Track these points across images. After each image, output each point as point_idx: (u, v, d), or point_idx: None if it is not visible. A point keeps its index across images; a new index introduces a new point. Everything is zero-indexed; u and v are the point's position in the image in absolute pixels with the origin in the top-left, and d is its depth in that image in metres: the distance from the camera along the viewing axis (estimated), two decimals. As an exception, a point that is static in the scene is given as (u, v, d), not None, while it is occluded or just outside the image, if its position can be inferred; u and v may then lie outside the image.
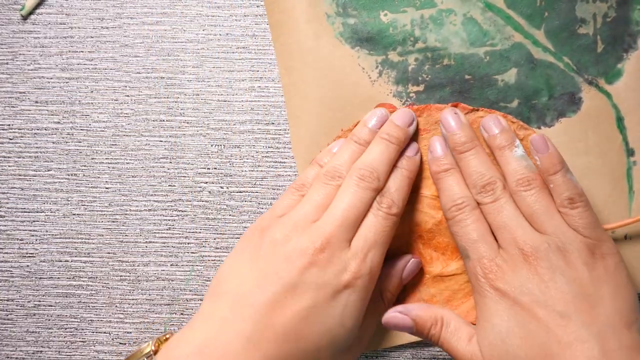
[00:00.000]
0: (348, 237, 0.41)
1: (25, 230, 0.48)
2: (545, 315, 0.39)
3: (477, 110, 0.46)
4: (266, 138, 0.47)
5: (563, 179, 0.42)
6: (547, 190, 0.42)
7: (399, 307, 0.42)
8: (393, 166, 0.43)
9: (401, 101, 0.47)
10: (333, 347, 0.40)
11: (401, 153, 0.44)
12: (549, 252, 0.40)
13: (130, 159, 0.48)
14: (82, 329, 0.47)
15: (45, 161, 0.48)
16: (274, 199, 0.47)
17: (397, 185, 0.43)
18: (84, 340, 0.47)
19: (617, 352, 0.38)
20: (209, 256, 0.47)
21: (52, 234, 0.48)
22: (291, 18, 0.47)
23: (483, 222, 0.42)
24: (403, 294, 0.46)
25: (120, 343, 0.47)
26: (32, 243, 0.48)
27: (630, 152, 0.46)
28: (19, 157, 0.48)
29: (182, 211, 0.47)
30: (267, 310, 0.38)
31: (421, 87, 0.47)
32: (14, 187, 0.48)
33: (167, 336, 0.42)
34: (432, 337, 0.42)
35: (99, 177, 0.48)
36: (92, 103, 0.48)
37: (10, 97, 0.48)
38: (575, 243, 0.40)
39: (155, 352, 0.41)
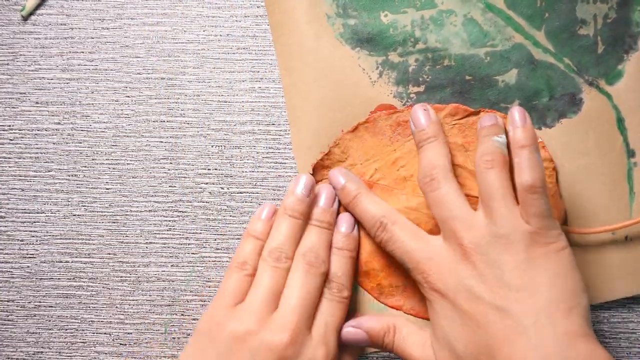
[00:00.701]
0: (309, 325, 0.42)
1: (26, 231, 0.48)
2: (483, 312, 0.39)
3: (478, 112, 0.46)
4: (267, 139, 0.47)
5: (529, 156, 0.41)
6: (507, 173, 0.41)
7: (351, 322, 0.44)
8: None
9: (402, 102, 0.47)
10: None
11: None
12: (489, 246, 0.40)
13: (130, 160, 0.48)
14: (83, 330, 0.48)
15: (46, 162, 0.48)
16: (274, 199, 0.47)
17: (342, 269, 0.44)
18: (84, 341, 0.48)
19: (553, 340, 0.38)
20: (209, 257, 0.47)
21: (53, 235, 0.48)
22: (292, 19, 0.47)
23: (410, 229, 0.43)
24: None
25: (120, 344, 0.47)
26: (33, 244, 0.48)
27: (630, 153, 0.46)
28: (19, 158, 0.48)
29: (182, 212, 0.47)
30: None
31: (422, 88, 0.47)
32: (15, 188, 0.48)
33: None
34: (387, 346, 0.43)
35: (99, 178, 0.48)
36: (92, 104, 0.48)
37: (11, 98, 0.48)
38: (519, 234, 0.40)
39: None
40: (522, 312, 0.38)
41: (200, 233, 0.47)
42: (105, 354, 0.47)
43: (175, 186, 0.48)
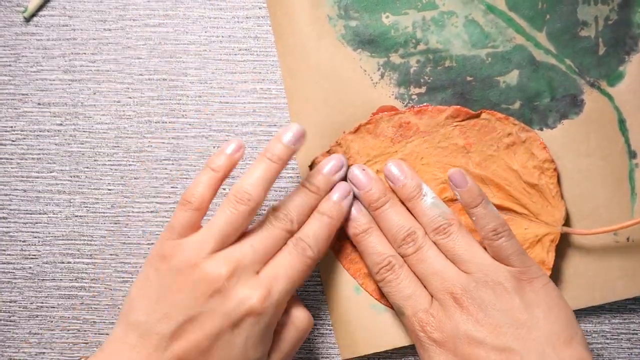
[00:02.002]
0: (256, 269, 0.41)
1: (28, 231, 0.48)
2: (486, 355, 0.40)
3: (479, 114, 0.46)
4: (268, 140, 0.48)
5: (485, 211, 0.43)
6: (465, 230, 0.43)
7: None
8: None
9: (403, 103, 0.47)
10: None
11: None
12: (477, 290, 0.41)
13: (132, 161, 0.48)
14: (85, 331, 0.48)
15: (48, 163, 0.48)
16: (275, 200, 0.48)
17: (314, 230, 0.43)
18: (86, 341, 0.48)
19: None
20: None
21: (55, 236, 0.48)
22: (293, 20, 0.47)
23: (413, 276, 0.43)
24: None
25: None
26: (35, 245, 0.48)
27: (632, 155, 0.46)
28: (21, 159, 0.48)
29: None
30: (171, 339, 0.39)
31: (423, 89, 0.47)
32: (17, 189, 0.48)
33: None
34: None
35: (101, 179, 0.48)
36: (94, 105, 0.48)
37: (13, 99, 0.48)
38: (500, 274, 0.41)
39: None
40: (525, 348, 0.39)
41: None
42: None
43: (177, 187, 0.48)
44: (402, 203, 0.45)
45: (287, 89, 0.47)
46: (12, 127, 0.48)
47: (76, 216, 0.48)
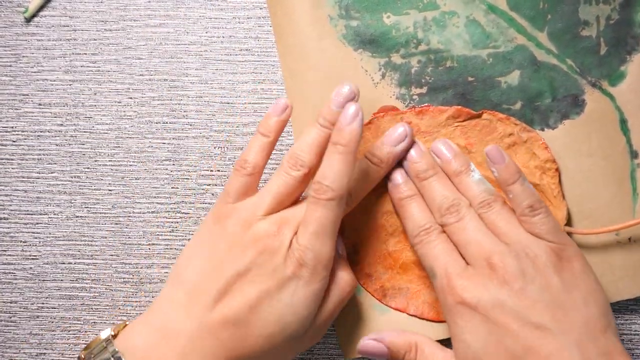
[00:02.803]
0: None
1: (29, 232, 0.48)
2: (519, 328, 0.39)
3: (481, 114, 0.46)
4: None
5: (521, 188, 0.43)
6: (508, 207, 0.43)
7: (372, 335, 0.43)
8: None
9: (404, 103, 0.47)
10: (286, 334, 0.41)
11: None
12: (517, 260, 0.41)
13: (133, 161, 0.48)
14: (86, 331, 0.48)
15: (49, 163, 0.48)
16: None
17: (330, 167, 0.41)
18: (87, 342, 0.48)
19: (596, 358, 0.38)
20: None
21: (56, 236, 0.48)
22: (294, 20, 0.47)
23: (449, 242, 0.43)
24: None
25: None
26: (36, 245, 0.48)
27: (633, 154, 0.47)
28: (22, 160, 0.48)
29: (185, 213, 0.48)
30: (220, 296, 0.40)
31: (424, 90, 0.47)
32: (17, 190, 0.48)
33: (126, 323, 0.43)
34: None
35: (102, 180, 0.48)
36: (95, 105, 0.48)
37: (14, 100, 0.49)
38: (540, 248, 0.41)
39: (115, 337, 0.42)
40: (560, 329, 0.39)
41: None
42: None
43: (177, 187, 0.48)
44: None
45: (288, 89, 0.47)
46: (12, 127, 0.49)
47: (77, 217, 0.48)
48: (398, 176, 0.45)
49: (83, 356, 0.42)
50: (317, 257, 0.41)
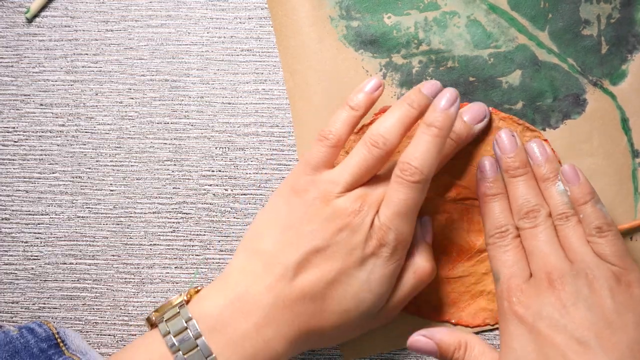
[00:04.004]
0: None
1: (30, 232, 0.49)
2: (562, 341, 0.40)
3: None
4: (270, 140, 0.49)
5: (592, 209, 0.43)
6: (581, 225, 0.44)
7: (423, 331, 0.44)
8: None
9: None
10: (361, 311, 0.42)
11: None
12: (575, 279, 0.42)
13: (134, 162, 0.49)
14: (87, 332, 0.49)
15: (50, 164, 0.49)
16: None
17: (419, 147, 0.42)
18: (88, 342, 0.48)
19: None
20: (213, 259, 0.48)
21: (57, 237, 0.49)
22: (295, 21, 0.48)
23: (521, 250, 0.45)
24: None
25: (124, 345, 0.48)
26: (37, 245, 0.49)
27: (635, 154, 0.47)
28: (23, 160, 0.49)
29: (186, 214, 0.49)
30: (297, 269, 0.41)
31: None
32: (19, 190, 0.49)
33: (198, 288, 0.44)
34: None
35: (103, 180, 0.49)
36: (96, 106, 0.49)
37: (15, 100, 0.49)
38: (601, 270, 0.42)
39: (188, 302, 0.43)
40: (603, 348, 0.40)
41: (204, 235, 0.49)
42: (110, 355, 0.48)
43: (179, 188, 0.49)
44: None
45: (289, 90, 0.48)
46: (14, 128, 0.49)
47: (78, 217, 0.49)
48: (489, 170, 0.46)
49: (154, 318, 0.42)
50: (398, 238, 0.42)
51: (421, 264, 0.44)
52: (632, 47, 0.48)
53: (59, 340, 0.43)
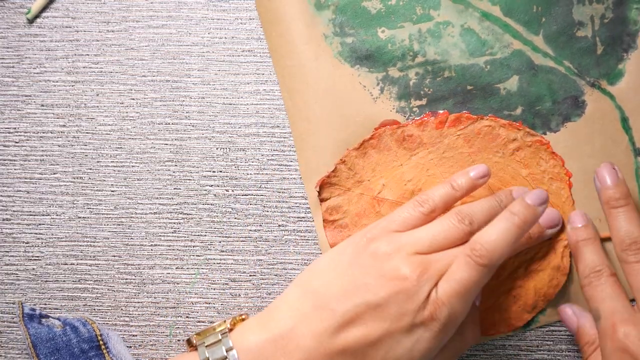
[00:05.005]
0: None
1: (31, 233, 0.50)
2: None
3: (482, 118, 0.48)
4: (271, 141, 0.50)
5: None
6: None
7: (575, 308, 0.46)
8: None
9: (404, 116, 0.49)
10: None
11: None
12: None
13: (135, 162, 0.50)
14: (88, 332, 0.50)
15: (51, 164, 0.50)
16: (279, 201, 0.50)
17: (497, 232, 0.41)
18: (89, 343, 0.49)
19: None
20: (214, 259, 0.50)
21: (58, 237, 0.50)
22: (289, 41, 0.49)
23: (618, 286, 0.44)
24: None
25: (125, 346, 0.49)
26: (38, 246, 0.50)
27: (637, 152, 0.48)
28: (24, 160, 0.50)
29: (187, 214, 0.50)
30: (345, 320, 0.41)
31: (424, 101, 0.49)
32: (20, 190, 0.50)
33: (243, 317, 0.44)
34: (583, 352, 0.45)
35: (104, 180, 0.50)
36: (97, 106, 0.50)
37: (16, 101, 0.50)
38: None
39: (230, 330, 0.43)
40: None
41: (205, 235, 0.50)
42: None
43: (180, 188, 0.50)
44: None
45: (288, 109, 0.49)
46: (15, 128, 0.50)
47: (79, 217, 0.50)
48: (579, 219, 0.46)
49: (195, 342, 0.43)
50: (451, 316, 0.41)
51: (470, 331, 0.44)
52: (627, 46, 0.48)
53: (101, 342, 0.44)
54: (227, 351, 0.41)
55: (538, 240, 0.47)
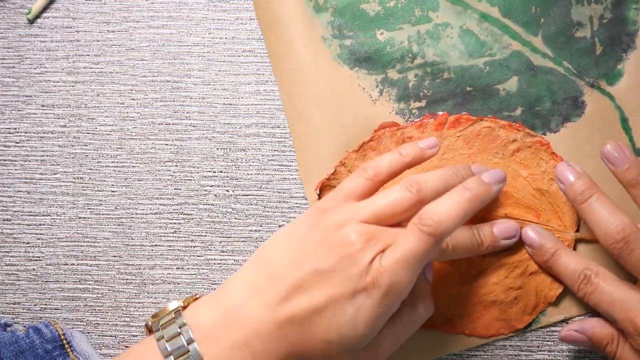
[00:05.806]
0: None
1: (32, 233, 0.51)
2: None
3: (482, 119, 0.49)
4: (272, 141, 0.51)
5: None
6: None
7: (575, 326, 0.45)
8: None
9: (404, 118, 0.50)
10: (342, 346, 0.42)
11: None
12: None
13: (136, 163, 0.51)
14: (88, 333, 0.50)
15: (52, 164, 0.51)
16: (280, 202, 0.51)
17: (446, 203, 0.42)
18: (89, 343, 0.49)
19: None
20: (214, 259, 0.50)
21: (58, 238, 0.51)
22: (288, 43, 0.50)
23: (614, 280, 0.44)
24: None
25: (126, 346, 0.50)
26: (38, 246, 0.51)
27: (637, 153, 0.49)
28: (25, 161, 0.51)
29: (187, 214, 0.51)
30: (293, 288, 0.42)
31: (423, 103, 0.50)
32: (20, 191, 0.51)
33: (197, 296, 0.45)
34: (608, 354, 0.45)
35: (105, 181, 0.51)
36: (98, 106, 0.51)
37: (17, 101, 0.51)
38: None
39: (184, 309, 0.44)
40: None
41: (206, 235, 0.51)
42: (111, 356, 0.50)
43: (180, 189, 0.51)
44: (627, 189, 0.45)
45: (287, 112, 0.50)
46: (15, 128, 0.51)
47: (80, 218, 0.51)
48: (535, 239, 0.47)
49: (150, 324, 0.44)
50: (392, 284, 0.41)
51: (420, 311, 0.45)
52: (626, 46, 0.49)
53: (64, 341, 0.45)
54: (180, 327, 0.42)
55: (490, 249, 0.47)
